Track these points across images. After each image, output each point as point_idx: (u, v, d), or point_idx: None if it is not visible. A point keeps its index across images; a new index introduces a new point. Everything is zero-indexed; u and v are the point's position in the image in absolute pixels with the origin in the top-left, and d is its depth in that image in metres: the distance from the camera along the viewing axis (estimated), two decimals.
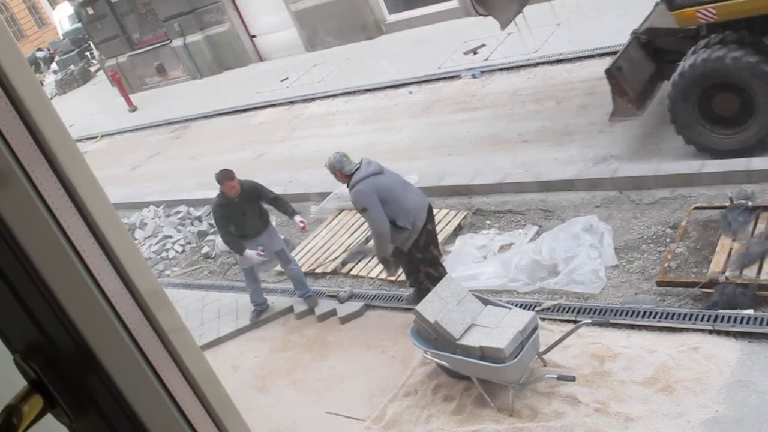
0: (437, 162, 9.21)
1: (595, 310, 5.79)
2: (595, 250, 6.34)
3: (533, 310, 5.76)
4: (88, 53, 26.73)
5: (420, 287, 6.35)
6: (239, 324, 7.71)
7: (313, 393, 6.30)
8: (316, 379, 6.45)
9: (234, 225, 6.93)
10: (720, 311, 5.24)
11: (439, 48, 12.94)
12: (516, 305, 5.63)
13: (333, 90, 13.53)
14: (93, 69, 26.09)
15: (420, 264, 6.30)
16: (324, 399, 6.17)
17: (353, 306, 7.13)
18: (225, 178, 6.76)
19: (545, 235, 6.79)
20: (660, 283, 5.78)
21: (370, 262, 7.79)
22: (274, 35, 17.43)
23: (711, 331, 5.14)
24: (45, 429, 1.00)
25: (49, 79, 26.13)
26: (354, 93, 13.02)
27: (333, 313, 7.20)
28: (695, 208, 6.37)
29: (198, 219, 10.57)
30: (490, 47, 11.96)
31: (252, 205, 6.97)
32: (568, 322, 5.71)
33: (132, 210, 11.64)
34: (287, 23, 16.76)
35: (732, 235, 5.84)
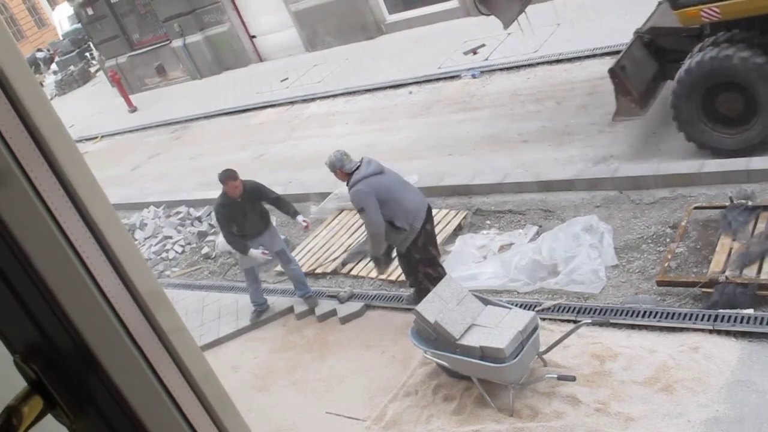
0: (437, 162, 9.21)
1: (595, 310, 5.79)
2: (595, 250, 6.34)
3: (533, 310, 5.75)
4: (87, 54, 26.73)
5: (420, 287, 6.36)
6: (239, 324, 7.71)
7: (314, 393, 6.30)
8: (316, 380, 6.45)
9: (235, 225, 6.93)
10: (720, 311, 5.24)
11: (439, 48, 12.94)
12: (516, 305, 5.63)
13: (333, 90, 13.53)
14: (93, 69, 26.10)
15: (419, 264, 6.30)
16: (324, 399, 6.17)
17: (353, 306, 7.13)
18: (228, 178, 6.76)
19: (545, 235, 6.79)
20: (660, 283, 5.78)
21: (370, 262, 7.79)
22: (273, 35, 17.44)
23: (711, 331, 5.14)
24: (45, 430, 1.00)
25: (49, 80, 26.14)
26: (354, 93, 13.02)
27: (333, 314, 7.20)
28: (695, 207, 6.37)
29: (198, 219, 10.57)
30: (490, 47, 11.97)
31: (253, 206, 6.97)
32: (568, 322, 5.71)
33: (132, 210, 11.64)
34: (287, 23, 16.76)
35: (732, 235, 5.84)
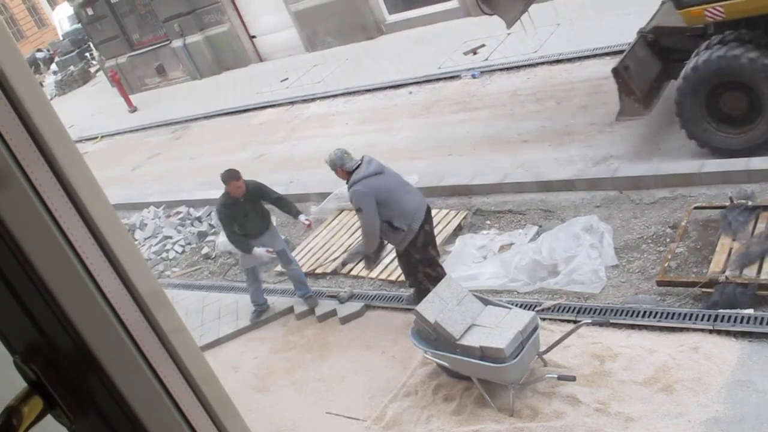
0: (437, 162, 9.21)
1: (595, 309, 5.79)
2: (595, 250, 6.34)
3: (533, 310, 5.75)
4: (87, 54, 26.73)
5: (420, 287, 6.36)
6: (239, 324, 7.71)
7: (314, 393, 6.30)
8: (316, 380, 6.45)
9: (237, 225, 6.94)
10: (720, 311, 5.24)
11: (439, 48, 12.95)
12: (516, 305, 5.63)
13: (333, 90, 13.53)
14: (93, 70, 26.10)
15: (418, 264, 6.30)
16: (324, 399, 6.17)
17: (353, 306, 7.13)
18: (231, 178, 6.76)
19: (545, 235, 6.79)
20: (660, 283, 5.78)
21: None
22: (273, 35, 17.44)
23: (711, 331, 5.14)
24: (45, 430, 1.00)
25: (49, 80, 26.14)
26: (354, 93, 13.02)
27: (333, 314, 7.20)
28: (695, 207, 6.37)
29: (198, 219, 10.56)
30: (489, 47, 11.97)
31: (255, 206, 6.98)
32: (568, 322, 5.71)
33: (132, 211, 11.64)
34: (287, 23, 16.76)
35: (732, 235, 5.84)
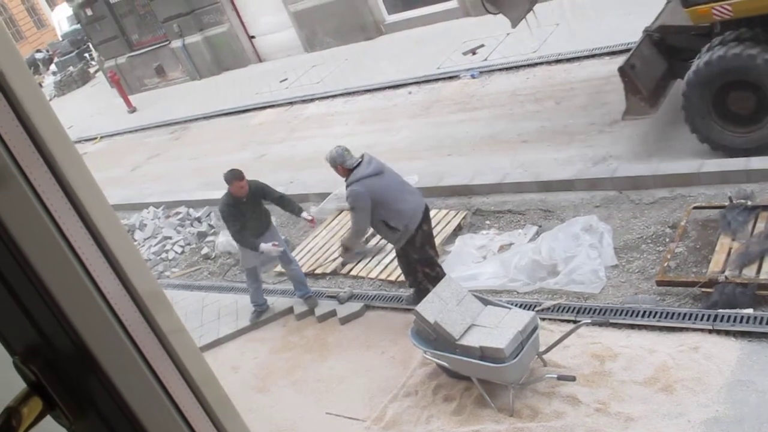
0: (437, 162, 9.21)
1: (595, 309, 5.79)
2: (595, 250, 6.34)
3: (533, 310, 5.76)
4: (87, 54, 26.72)
5: (419, 287, 6.37)
6: (239, 325, 7.71)
7: (313, 394, 6.30)
8: (316, 380, 6.45)
9: (239, 225, 6.94)
10: (720, 311, 5.24)
11: (439, 48, 12.95)
12: (516, 305, 5.63)
13: (332, 90, 13.53)
14: (92, 70, 26.09)
15: (417, 264, 6.31)
16: (324, 399, 6.17)
17: (353, 306, 7.13)
18: (234, 178, 6.76)
19: (545, 235, 6.79)
20: (659, 283, 5.78)
21: (369, 262, 7.80)
22: (273, 36, 17.44)
23: (711, 331, 5.14)
24: (44, 431, 1.00)
25: (48, 81, 26.13)
26: (353, 93, 13.02)
27: (333, 314, 7.20)
28: (694, 207, 6.37)
29: (198, 220, 10.56)
30: (489, 47, 11.97)
31: (257, 206, 6.99)
32: (567, 322, 5.71)
33: (131, 211, 11.64)
34: (286, 24, 16.76)
35: (731, 235, 5.83)
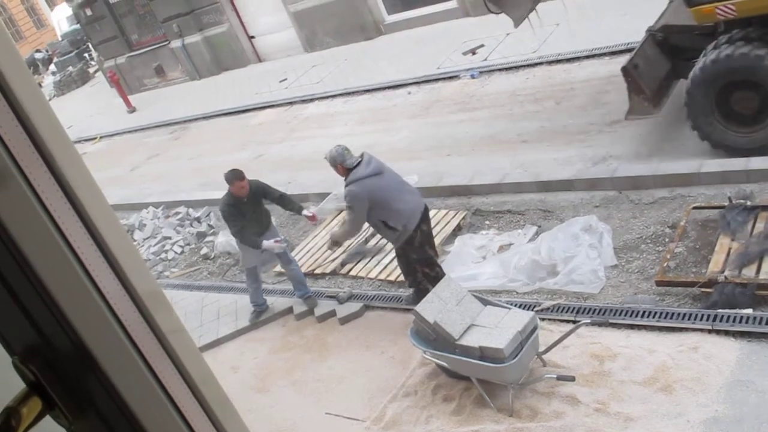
0: (436, 162, 9.21)
1: (595, 310, 5.79)
2: (594, 250, 6.34)
3: (532, 310, 5.76)
4: (86, 54, 26.72)
5: (419, 287, 6.37)
6: (238, 325, 7.71)
7: (313, 394, 6.30)
8: (315, 380, 6.45)
9: (240, 224, 6.94)
10: (719, 311, 5.24)
11: (438, 48, 12.95)
12: (515, 305, 5.63)
13: (332, 91, 13.53)
14: (91, 70, 26.09)
15: (416, 264, 6.31)
16: (323, 400, 6.17)
17: (352, 307, 7.13)
18: (235, 178, 6.76)
19: (544, 235, 6.79)
20: (659, 283, 5.78)
21: (369, 262, 7.80)
22: (272, 36, 17.44)
23: (710, 331, 5.14)
24: (44, 431, 1.00)
25: (48, 81, 26.13)
26: (353, 93, 13.02)
27: (332, 314, 7.20)
28: (694, 207, 6.37)
29: (197, 220, 10.56)
30: (488, 47, 11.97)
31: (257, 205, 6.99)
32: (567, 322, 5.71)
33: (131, 211, 11.63)
34: (286, 24, 16.76)
35: (731, 235, 5.84)
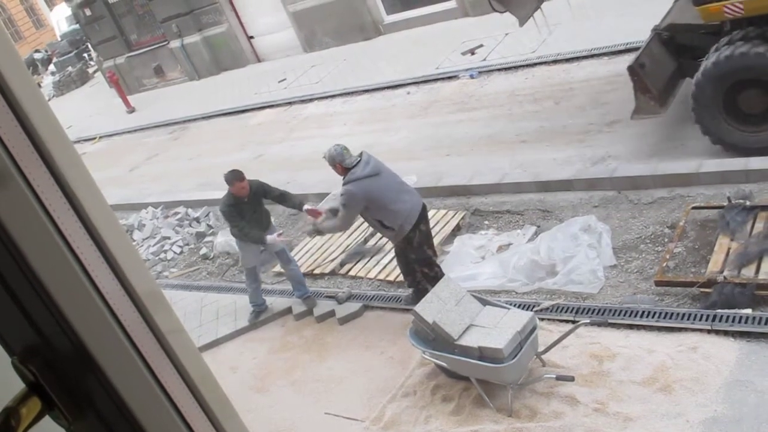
0: (435, 162, 9.21)
1: (594, 310, 5.79)
2: (594, 250, 6.35)
3: (532, 310, 5.76)
4: (85, 54, 26.71)
5: (418, 287, 6.37)
6: (238, 325, 7.70)
7: (312, 394, 6.30)
8: (314, 380, 6.45)
9: (242, 223, 6.94)
10: (718, 311, 5.24)
11: (437, 48, 12.95)
12: (514, 305, 5.63)
13: (331, 91, 13.53)
14: (91, 70, 26.07)
15: (415, 264, 6.32)
16: (323, 400, 6.17)
17: (352, 307, 7.13)
18: (235, 179, 6.75)
19: (543, 236, 6.80)
20: (658, 283, 5.78)
21: (368, 262, 7.80)
22: (271, 36, 17.43)
23: (709, 331, 5.14)
24: (44, 431, 1.00)
25: (47, 81, 26.12)
26: (352, 94, 13.02)
27: (331, 314, 7.20)
28: (693, 207, 6.37)
29: (196, 220, 10.56)
30: (487, 47, 11.97)
31: (258, 205, 6.99)
32: (566, 322, 5.71)
33: (130, 211, 11.63)
34: (285, 24, 16.76)
35: (730, 235, 5.84)
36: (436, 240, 7.05)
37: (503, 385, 5.14)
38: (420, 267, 6.33)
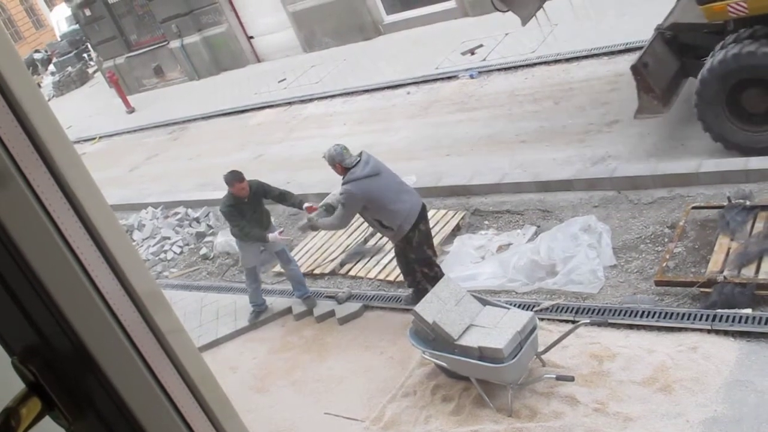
0: (435, 162, 9.21)
1: (594, 309, 5.79)
2: (594, 250, 6.35)
3: (532, 310, 5.76)
4: (85, 55, 26.71)
5: (418, 287, 6.38)
6: (238, 325, 7.70)
7: (312, 394, 6.30)
8: (314, 380, 6.45)
9: (242, 223, 6.94)
10: (718, 311, 5.24)
11: (437, 48, 12.95)
12: (514, 305, 5.63)
13: (331, 91, 13.53)
14: (90, 70, 26.07)
15: (415, 264, 6.32)
16: (323, 400, 6.17)
17: (352, 307, 7.13)
18: (234, 179, 6.76)
19: (543, 236, 6.80)
20: (658, 283, 5.78)
21: (368, 262, 7.80)
22: (271, 36, 17.43)
23: (709, 331, 5.14)
24: (44, 431, 1.00)
25: (47, 81, 26.12)
26: (352, 94, 13.01)
27: (331, 314, 7.20)
28: (693, 207, 6.37)
29: (196, 220, 10.56)
30: (487, 47, 11.97)
31: (258, 205, 6.99)
32: (566, 322, 5.71)
33: (130, 211, 11.63)
34: (285, 24, 16.75)
35: (730, 235, 5.84)
36: (436, 240, 7.05)
37: (503, 385, 5.14)
38: (420, 267, 6.33)
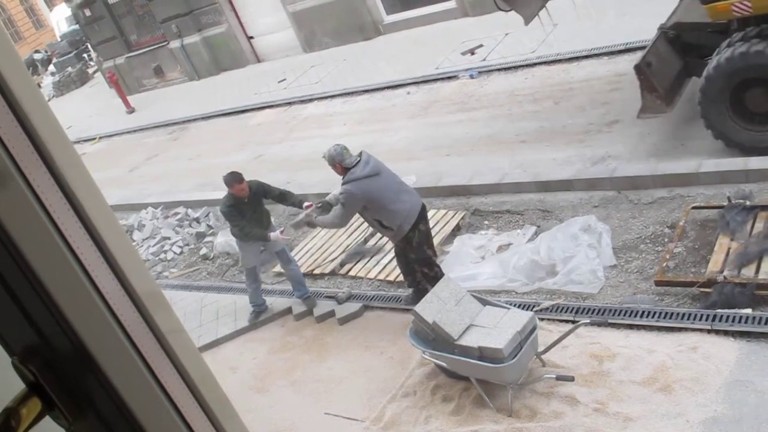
0: (435, 162, 9.21)
1: (594, 310, 5.79)
2: (594, 250, 6.35)
3: (532, 310, 5.76)
4: (85, 55, 26.71)
5: (418, 287, 6.38)
6: (238, 325, 7.71)
7: (312, 394, 6.30)
8: (314, 380, 6.45)
9: (243, 223, 6.95)
10: (718, 311, 5.24)
11: (437, 48, 12.95)
12: (514, 305, 5.63)
13: (331, 91, 13.53)
14: (90, 71, 26.07)
15: (415, 264, 6.32)
16: (323, 400, 6.17)
17: (352, 307, 7.13)
18: (234, 180, 6.76)
19: (543, 236, 6.80)
20: (658, 283, 5.78)
21: (368, 262, 7.80)
22: (271, 36, 17.43)
23: (709, 331, 5.14)
24: (44, 431, 1.00)
25: (47, 81, 26.12)
26: (352, 94, 13.01)
27: (331, 314, 7.20)
28: (693, 207, 6.37)
29: (196, 220, 10.56)
30: (487, 47, 11.97)
31: (258, 206, 7.00)
32: (566, 322, 5.71)
33: (130, 211, 11.63)
34: (285, 24, 16.75)
35: (730, 235, 5.84)
36: (436, 240, 7.05)
37: (503, 385, 5.14)
38: (420, 267, 6.33)
